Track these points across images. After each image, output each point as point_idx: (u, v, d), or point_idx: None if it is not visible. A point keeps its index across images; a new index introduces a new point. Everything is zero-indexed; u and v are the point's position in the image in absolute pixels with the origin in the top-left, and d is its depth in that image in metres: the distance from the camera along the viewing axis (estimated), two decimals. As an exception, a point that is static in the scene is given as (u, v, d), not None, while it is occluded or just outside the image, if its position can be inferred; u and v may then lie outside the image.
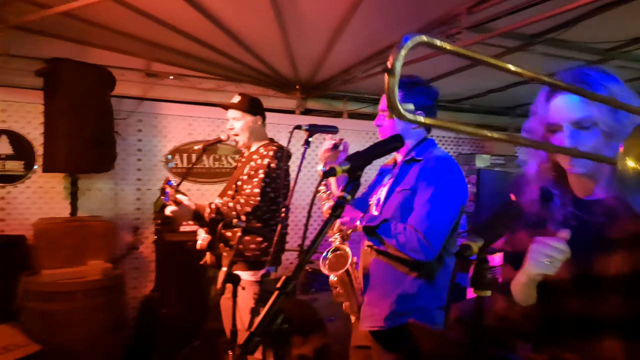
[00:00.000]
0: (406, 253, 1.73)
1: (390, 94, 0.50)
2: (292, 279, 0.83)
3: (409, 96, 1.90)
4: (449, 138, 5.84)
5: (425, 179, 1.82)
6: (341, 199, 0.93)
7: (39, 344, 2.99)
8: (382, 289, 1.86)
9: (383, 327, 1.83)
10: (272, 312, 0.79)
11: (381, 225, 1.78)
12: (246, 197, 2.52)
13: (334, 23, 3.32)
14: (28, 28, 3.49)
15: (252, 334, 0.78)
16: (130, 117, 4.15)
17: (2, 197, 3.69)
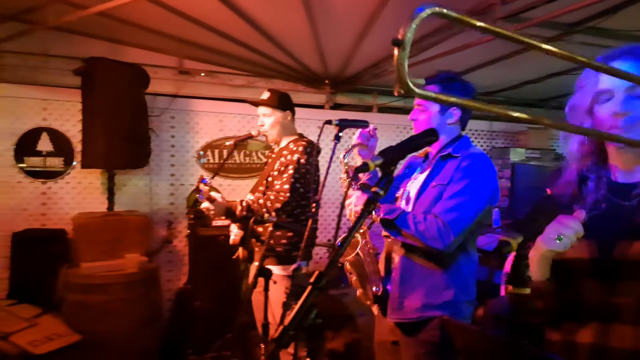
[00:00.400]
0: (425, 242, 1.73)
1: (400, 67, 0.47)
2: (325, 274, 0.83)
3: (445, 91, 1.89)
4: (482, 132, 5.71)
5: (459, 174, 1.82)
6: (374, 194, 0.92)
7: (79, 334, 3.11)
8: (412, 281, 1.86)
9: (412, 320, 1.83)
10: (306, 307, 0.80)
11: (399, 217, 1.78)
12: (276, 193, 2.55)
13: (364, 16, 3.29)
14: (66, 28, 3.60)
15: (286, 328, 0.78)
16: (163, 114, 4.24)
17: (43, 192, 3.84)
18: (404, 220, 1.77)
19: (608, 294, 1.06)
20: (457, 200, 1.77)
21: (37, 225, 3.79)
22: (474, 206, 1.77)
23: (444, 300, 1.81)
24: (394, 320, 1.89)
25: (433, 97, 0.50)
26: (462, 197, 1.77)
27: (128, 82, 3.65)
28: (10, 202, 3.72)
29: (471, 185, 1.78)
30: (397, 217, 1.77)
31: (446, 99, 0.53)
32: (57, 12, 3.15)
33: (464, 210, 1.75)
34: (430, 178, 1.91)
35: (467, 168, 1.82)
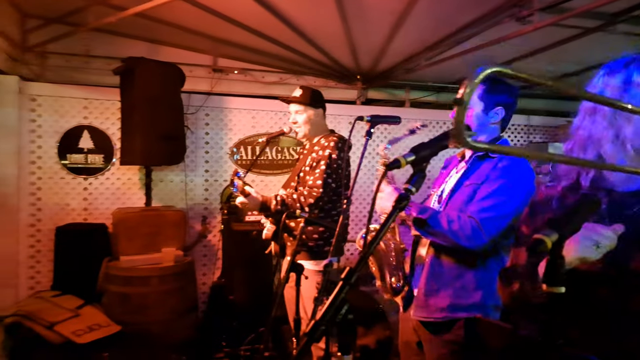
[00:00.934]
0: (458, 241, 1.70)
1: (458, 124, 0.50)
2: (356, 270, 0.83)
3: (491, 91, 1.87)
4: (519, 126, 5.56)
5: (495, 173, 1.79)
6: (406, 191, 0.92)
7: (119, 325, 3.23)
8: (440, 281, 1.83)
9: (437, 319, 1.81)
10: (337, 302, 0.80)
11: (432, 216, 1.75)
12: (309, 188, 2.57)
13: (397, 11, 3.26)
14: (106, 30, 3.73)
15: (318, 322, 0.79)
16: (198, 111, 4.33)
17: (85, 188, 4.00)
18: (436, 219, 1.74)
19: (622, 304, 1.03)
20: (493, 200, 1.73)
21: (79, 220, 3.95)
22: (509, 207, 1.73)
23: (471, 302, 1.78)
24: (418, 318, 1.87)
25: (486, 148, 0.53)
26: (498, 198, 1.73)
27: (165, 80, 3.74)
28: (54, 198, 3.89)
29: (507, 185, 1.75)
30: (429, 217, 1.75)
31: (499, 149, 0.55)
32: (98, 14, 3.27)
33: (499, 210, 1.72)
34: (464, 177, 1.88)
35: (504, 169, 1.78)
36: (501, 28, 3.15)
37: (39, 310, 3.25)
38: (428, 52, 3.99)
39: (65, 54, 4.00)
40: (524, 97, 5.58)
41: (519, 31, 3.03)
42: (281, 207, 2.53)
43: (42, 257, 3.83)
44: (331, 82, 4.92)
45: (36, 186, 3.83)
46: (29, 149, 3.80)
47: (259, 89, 4.72)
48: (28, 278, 3.80)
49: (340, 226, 1.84)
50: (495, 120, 1.90)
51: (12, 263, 3.71)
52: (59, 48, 3.90)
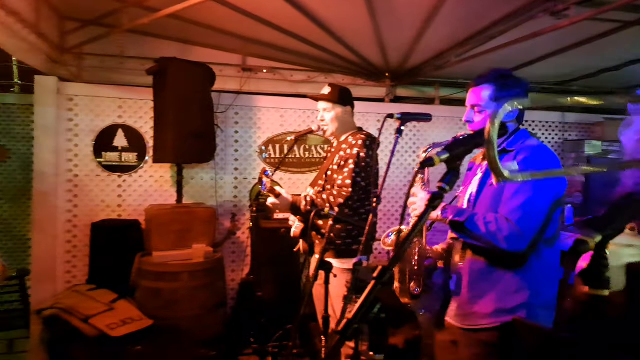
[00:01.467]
0: (497, 243, 1.66)
1: (493, 162, 0.50)
2: (388, 269, 0.83)
3: (501, 91, 1.83)
4: (553, 123, 5.41)
5: (519, 168, 1.73)
6: (440, 190, 0.91)
7: (151, 319, 3.30)
8: (481, 286, 1.79)
9: (484, 326, 1.76)
10: (369, 301, 0.80)
11: (469, 218, 1.71)
12: (338, 188, 2.56)
13: (427, 7, 3.22)
14: (140, 31, 3.82)
15: (350, 321, 0.79)
16: (228, 110, 4.39)
17: (119, 185, 4.11)
18: (473, 222, 1.70)
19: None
20: (521, 197, 1.68)
21: (113, 216, 4.06)
22: (539, 201, 1.69)
23: (516, 304, 1.73)
24: (463, 326, 1.83)
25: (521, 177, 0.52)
26: (525, 194, 1.68)
27: (196, 80, 3.80)
28: (90, 195, 4.01)
29: (533, 180, 1.69)
30: (466, 219, 1.71)
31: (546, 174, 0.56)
32: (132, 16, 3.35)
33: (530, 207, 1.67)
34: (486, 176, 1.84)
35: (525, 161, 1.73)
36: (535, 23, 3.07)
37: (75, 303, 3.35)
38: (459, 49, 3.92)
39: (101, 55, 4.13)
40: (559, 93, 5.44)
41: (554, 26, 2.94)
42: (311, 208, 2.53)
43: (78, 252, 3.96)
44: (359, 79, 4.90)
45: (73, 183, 3.96)
46: (67, 148, 3.93)
47: (288, 87, 4.75)
48: (65, 272, 3.93)
49: (369, 225, 1.83)
50: (511, 118, 1.86)
51: (50, 258, 3.84)
52: (95, 49, 4.02)
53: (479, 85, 1.85)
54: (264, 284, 3.94)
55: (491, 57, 3.81)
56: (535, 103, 3.41)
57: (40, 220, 3.80)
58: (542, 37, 3.22)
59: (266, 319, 3.82)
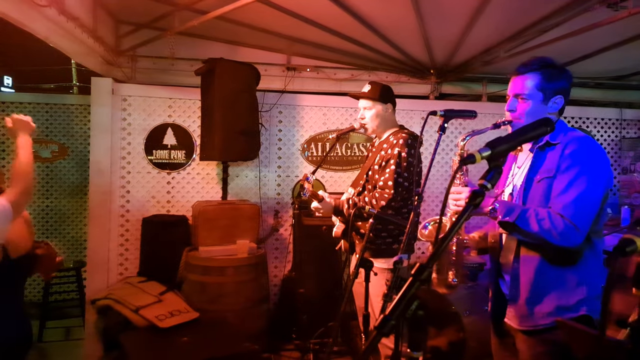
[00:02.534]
0: (551, 240, 1.61)
1: None
2: (427, 266, 0.82)
3: (548, 81, 1.77)
4: (609, 120, 5.14)
5: (566, 161, 1.68)
6: (481, 187, 0.89)
7: (197, 312, 3.41)
8: (541, 285, 1.74)
9: (546, 326, 1.72)
10: (407, 298, 0.80)
11: (520, 216, 1.65)
12: (380, 190, 2.54)
13: (474, 1, 3.14)
14: (189, 33, 3.95)
15: (387, 317, 0.79)
16: (272, 109, 4.46)
17: (168, 182, 4.26)
18: (525, 219, 1.64)
19: None
20: (574, 192, 1.63)
21: (163, 212, 4.22)
22: (592, 195, 1.63)
23: (577, 299, 1.69)
24: (524, 328, 1.78)
25: None
26: (578, 188, 1.63)
27: (242, 80, 3.88)
28: (141, 191, 4.19)
29: (584, 172, 1.64)
30: (517, 218, 1.66)
31: None
32: (182, 19, 3.46)
33: (584, 201, 1.62)
34: (532, 172, 1.78)
35: (574, 154, 1.67)
36: (590, 15, 2.92)
37: (126, 294, 3.51)
38: (508, 43, 3.79)
39: (153, 57, 4.30)
40: (616, 88, 5.15)
41: (610, 18, 2.80)
42: (353, 211, 2.54)
43: (130, 246, 4.14)
44: (403, 77, 4.84)
45: (126, 180, 4.14)
46: (120, 146, 4.12)
47: (331, 85, 4.77)
48: (118, 264, 4.12)
49: (410, 223, 1.81)
50: (555, 110, 1.80)
51: (104, 250, 4.04)
52: (148, 51, 4.19)
53: (524, 73, 1.80)
54: (306, 280, 3.97)
55: (543, 51, 3.66)
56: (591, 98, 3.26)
57: (95, 215, 4.01)
58: (598, 29, 3.07)
59: (308, 315, 3.85)
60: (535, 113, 1.77)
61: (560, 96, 1.77)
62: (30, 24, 2.67)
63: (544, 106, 1.79)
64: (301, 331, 3.89)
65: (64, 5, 2.87)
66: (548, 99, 1.78)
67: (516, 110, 1.82)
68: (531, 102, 1.79)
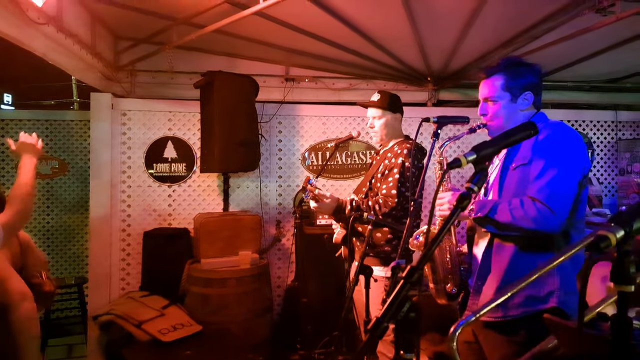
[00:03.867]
0: (528, 226, 1.60)
1: None
2: (417, 268, 0.84)
3: (513, 79, 1.80)
4: (605, 122, 5.16)
5: (541, 147, 1.69)
6: (468, 190, 0.91)
7: (200, 324, 3.41)
8: (511, 274, 1.71)
9: (515, 317, 1.70)
10: (398, 300, 0.81)
11: (492, 209, 1.66)
12: (384, 197, 2.54)
13: (468, 9, 3.18)
14: (188, 47, 3.99)
15: (379, 320, 0.81)
16: (271, 120, 4.49)
17: (169, 195, 4.29)
18: (496, 211, 1.65)
19: None
20: (547, 175, 1.64)
21: (164, 225, 4.24)
22: (567, 177, 1.63)
23: (548, 290, 1.67)
24: (492, 319, 1.74)
25: None
26: (551, 171, 1.63)
27: (241, 92, 3.92)
28: (142, 204, 4.21)
29: (557, 155, 1.65)
30: (490, 210, 1.67)
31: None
32: (181, 33, 3.51)
33: (558, 183, 1.62)
34: (508, 161, 1.80)
35: (547, 139, 1.69)
36: (580, 20, 2.96)
37: (129, 309, 3.51)
38: (503, 49, 3.83)
39: (152, 71, 4.34)
40: (611, 91, 5.18)
41: (600, 23, 2.83)
42: (355, 212, 2.54)
43: (131, 260, 4.15)
44: (401, 84, 4.88)
45: (127, 194, 4.17)
46: (121, 160, 4.15)
47: (329, 95, 4.81)
48: (120, 279, 4.13)
49: (407, 229, 1.83)
50: (526, 106, 1.82)
51: (105, 265, 4.05)
52: (147, 66, 4.24)
53: (489, 76, 1.83)
54: (309, 290, 3.97)
55: (537, 56, 3.69)
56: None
57: (96, 230, 4.02)
58: (590, 34, 3.10)
59: (312, 325, 3.84)
60: (505, 112, 1.81)
61: (529, 92, 1.80)
62: (28, 42, 2.71)
63: (513, 104, 1.82)
64: (305, 341, 3.88)
65: (62, 23, 2.92)
66: (516, 96, 1.81)
67: (488, 113, 1.86)
68: (500, 103, 1.82)
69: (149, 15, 3.43)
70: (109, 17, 3.64)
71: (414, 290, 0.85)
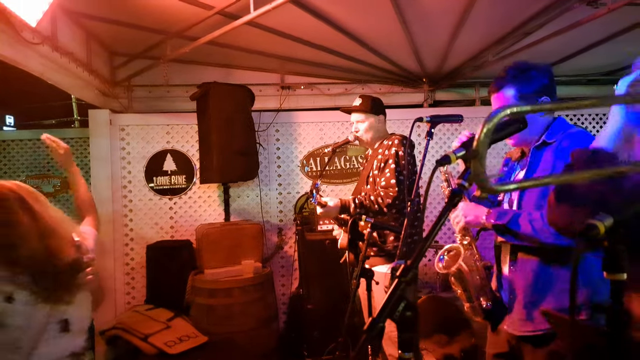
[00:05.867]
0: (546, 240, 1.57)
1: (478, 176, 0.50)
2: (411, 267, 0.84)
3: (525, 87, 1.73)
4: (603, 115, 5.15)
5: (562, 158, 1.65)
6: (460, 187, 0.91)
7: (205, 336, 3.40)
8: (538, 288, 1.70)
9: (545, 331, 1.66)
10: (393, 299, 0.81)
11: (512, 219, 1.63)
12: (384, 189, 2.57)
13: (458, 8, 3.19)
14: (183, 60, 4.02)
15: (375, 320, 0.80)
16: (269, 128, 4.50)
17: (170, 207, 4.29)
18: (517, 222, 1.62)
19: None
20: None
21: (166, 237, 4.24)
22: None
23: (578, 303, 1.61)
24: (522, 334, 1.72)
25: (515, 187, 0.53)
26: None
27: (236, 101, 3.94)
28: (144, 218, 4.22)
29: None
30: (509, 221, 1.64)
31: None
32: (174, 46, 3.53)
33: None
34: (530, 172, 1.76)
35: (568, 149, 1.63)
36: (572, 14, 2.96)
37: (134, 323, 3.51)
38: (496, 47, 3.84)
39: (149, 86, 4.37)
40: (609, 84, 5.18)
41: (591, 15, 2.84)
42: (360, 209, 2.55)
43: (135, 274, 4.15)
44: (397, 87, 4.89)
45: (128, 208, 4.18)
46: (121, 175, 4.17)
47: (325, 101, 4.82)
48: (124, 294, 4.13)
49: (405, 228, 1.82)
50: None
51: (110, 280, 4.05)
52: (143, 80, 4.26)
53: (500, 89, 1.77)
54: (314, 296, 3.96)
55: (531, 52, 3.71)
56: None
57: (100, 244, 4.02)
58: (584, 27, 3.10)
59: (318, 331, 3.83)
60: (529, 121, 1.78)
61: (544, 96, 1.74)
62: (24, 62, 2.74)
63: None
64: (312, 348, 3.86)
65: (57, 42, 2.94)
66: (535, 102, 1.74)
67: None
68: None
69: (143, 30, 3.46)
70: (104, 34, 3.67)
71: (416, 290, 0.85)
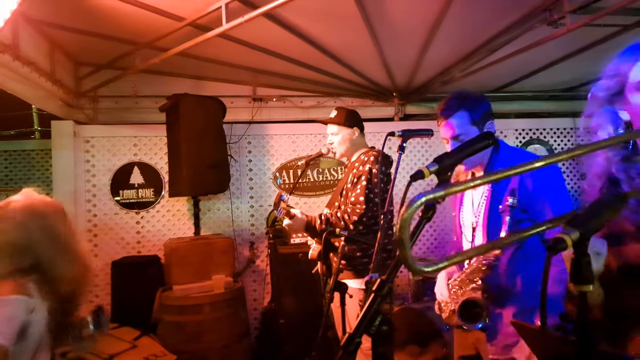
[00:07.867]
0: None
1: (406, 260, 0.62)
2: (387, 281, 0.84)
3: (474, 112, 1.80)
4: (564, 129, 5.34)
5: (530, 180, 1.71)
6: (431, 201, 0.91)
7: (174, 354, 3.30)
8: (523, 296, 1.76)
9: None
10: (370, 314, 0.81)
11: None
12: (352, 205, 2.58)
13: (427, 26, 3.27)
14: (152, 70, 3.95)
15: (351, 335, 0.80)
16: (240, 140, 4.47)
17: (137, 221, 4.18)
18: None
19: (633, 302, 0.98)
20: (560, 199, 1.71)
21: (133, 253, 4.12)
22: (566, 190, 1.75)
23: (535, 304, 1.71)
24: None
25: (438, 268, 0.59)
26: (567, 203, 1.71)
27: (207, 113, 3.89)
28: (110, 233, 4.09)
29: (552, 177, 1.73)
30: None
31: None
32: (144, 57, 3.48)
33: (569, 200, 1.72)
34: (495, 201, 1.76)
35: (532, 173, 1.70)
36: (534, 33, 3.09)
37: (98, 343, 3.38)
38: (463, 63, 3.95)
39: (116, 96, 4.27)
40: (569, 99, 5.39)
41: (552, 35, 2.96)
42: (325, 226, 2.54)
43: (100, 291, 4.00)
44: (368, 101, 4.95)
45: (92, 223, 4.04)
46: (85, 188, 4.04)
47: (298, 113, 4.83)
48: (89, 311, 3.97)
49: (379, 242, 1.83)
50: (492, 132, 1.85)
51: (75, 297, 3.89)
52: (110, 91, 4.16)
53: (451, 116, 1.81)
54: (286, 310, 3.91)
55: (496, 68, 3.84)
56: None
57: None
58: (545, 45, 3.23)
59: (292, 346, 3.78)
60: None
61: (490, 120, 1.82)
62: (-16, 71, 2.64)
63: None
64: (285, 363, 3.81)
65: (18, 51, 2.85)
66: (482, 128, 1.82)
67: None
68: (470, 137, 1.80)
69: (110, 40, 3.39)
70: (69, 43, 3.58)
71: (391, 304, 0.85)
